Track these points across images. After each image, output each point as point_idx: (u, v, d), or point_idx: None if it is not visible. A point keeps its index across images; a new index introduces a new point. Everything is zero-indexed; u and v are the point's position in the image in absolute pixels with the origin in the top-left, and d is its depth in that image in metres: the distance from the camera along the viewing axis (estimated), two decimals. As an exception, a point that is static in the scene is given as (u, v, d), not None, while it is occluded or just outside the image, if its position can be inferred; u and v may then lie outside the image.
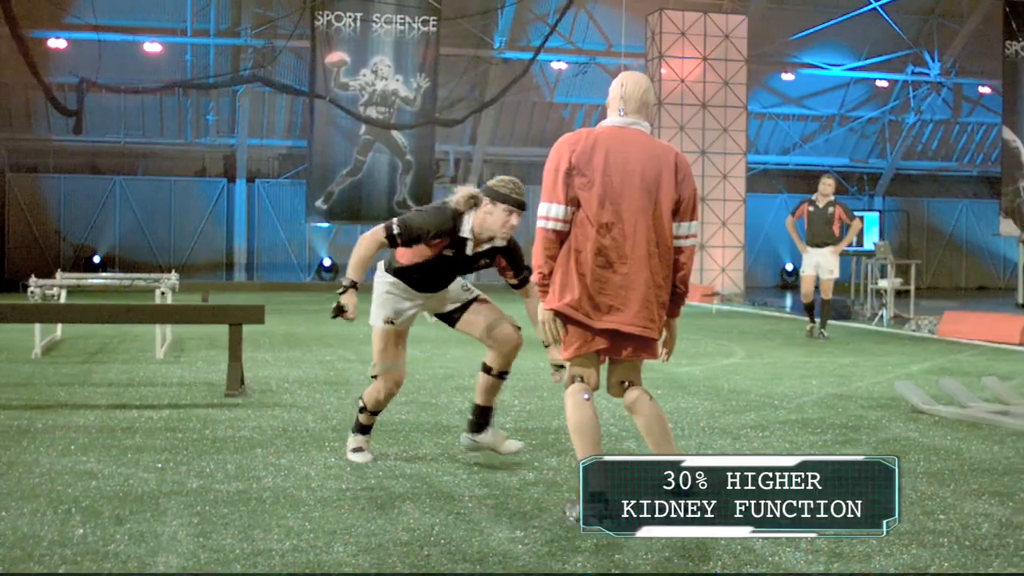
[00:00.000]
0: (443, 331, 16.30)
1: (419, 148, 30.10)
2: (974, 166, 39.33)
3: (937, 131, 38.43)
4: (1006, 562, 4.68)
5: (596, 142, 5.39)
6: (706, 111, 29.85)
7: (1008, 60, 32.02)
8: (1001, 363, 12.90)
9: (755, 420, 8.35)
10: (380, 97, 29.54)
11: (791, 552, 4.76)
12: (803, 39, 33.99)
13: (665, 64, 29.62)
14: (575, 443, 5.31)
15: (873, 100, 37.01)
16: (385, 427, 7.74)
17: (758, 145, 36.38)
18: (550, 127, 34.93)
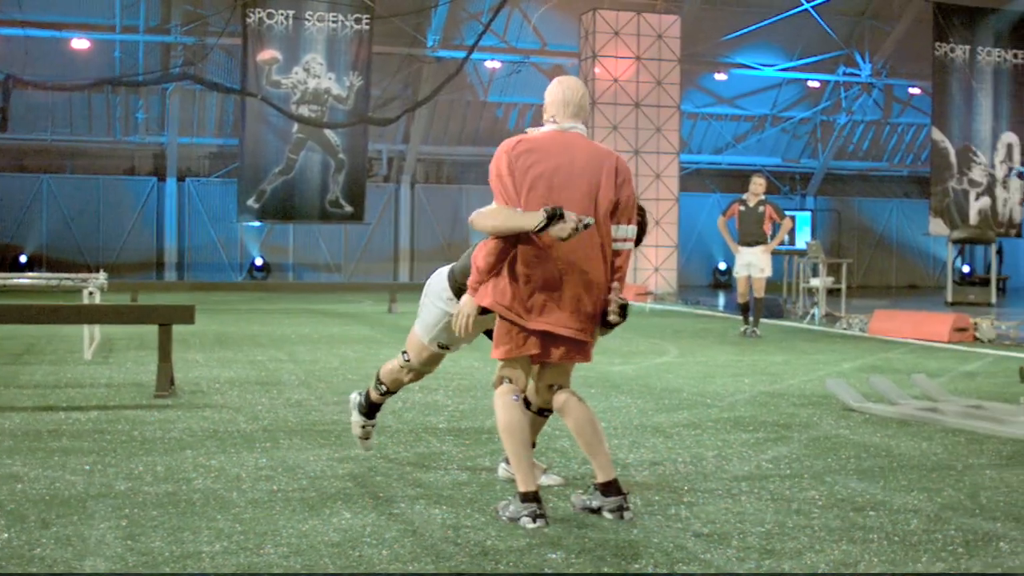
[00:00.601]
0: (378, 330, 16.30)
1: (352, 147, 29.96)
2: (904, 166, 39.83)
3: (868, 131, 38.87)
4: (934, 557, 4.72)
5: (537, 146, 5.37)
6: (639, 111, 29.97)
7: (938, 62, 32.46)
8: (930, 361, 13.06)
9: (687, 418, 8.37)
10: (312, 95, 29.37)
11: (722, 550, 4.77)
12: (736, 39, 34.25)
13: (599, 64, 29.70)
14: (505, 444, 5.29)
15: (805, 100, 37.36)
16: (317, 427, 7.69)
17: (691, 145, 36.60)
18: (484, 126, 34.92)
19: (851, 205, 39.85)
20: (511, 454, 5.27)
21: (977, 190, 32.53)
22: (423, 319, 6.07)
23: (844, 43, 35.54)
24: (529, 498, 5.15)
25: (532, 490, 5.18)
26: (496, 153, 5.44)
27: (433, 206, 34.84)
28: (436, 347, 6.05)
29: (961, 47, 32.47)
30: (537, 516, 5.11)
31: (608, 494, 5.30)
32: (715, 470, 6.49)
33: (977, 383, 11.06)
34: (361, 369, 11.17)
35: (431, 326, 6.02)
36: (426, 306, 6.07)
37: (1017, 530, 5.20)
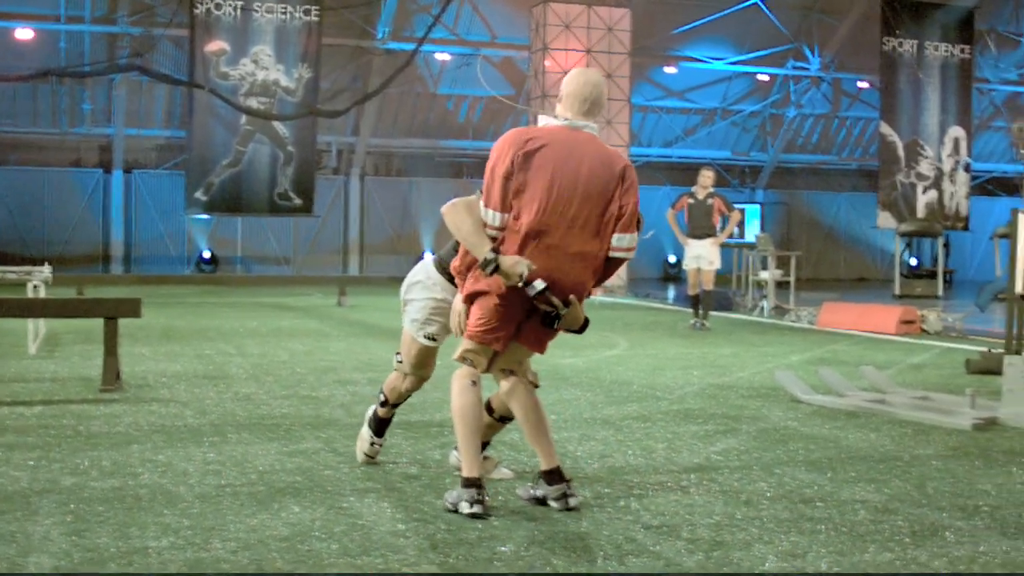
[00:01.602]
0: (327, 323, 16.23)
1: (301, 139, 29.77)
2: (853, 159, 40.10)
3: (817, 125, 39.11)
4: (882, 547, 4.76)
5: (546, 145, 5.23)
6: (589, 104, 30.00)
7: (886, 56, 32.68)
8: (878, 352, 13.17)
9: (637, 411, 8.39)
10: (261, 87, 29.15)
11: (672, 542, 4.78)
12: (686, 33, 34.33)
13: (549, 56, 29.67)
14: (456, 428, 5.29)
15: (754, 94, 37.53)
16: (265, 421, 7.64)
17: (641, 138, 36.68)
18: (433, 119, 34.83)
19: (800, 198, 40.09)
20: (460, 437, 5.27)
21: (925, 184, 32.81)
22: (410, 314, 5.96)
23: (793, 37, 35.73)
24: (471, 483, 5.18)
25: (475, 476, 5.21)
26: (500, 144, 5.29)
27: (383, 199, 34.71)
28: (424, 339, 5.89)
29: (909, 42, 32.72)
30: (476, 502, 5.13)
31: (551, 482, 5.31)
32: (665, 462, 6.50)
33: (924, 375, 11.17)
34: (310, 362, 11.12)
35: (418, 317, 5.91)
36: (410, 301, 5.97)
37: (963, 520, 5.25)
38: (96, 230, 32.70)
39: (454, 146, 35.42)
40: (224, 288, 26.11)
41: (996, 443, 7.37)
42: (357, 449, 6.32)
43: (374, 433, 6.22)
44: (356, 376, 10.09)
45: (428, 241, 34.21)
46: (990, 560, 4.61)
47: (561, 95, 5.42)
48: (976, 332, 15.79)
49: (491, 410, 5.76)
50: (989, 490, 5.92)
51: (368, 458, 6.26)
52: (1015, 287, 8.75)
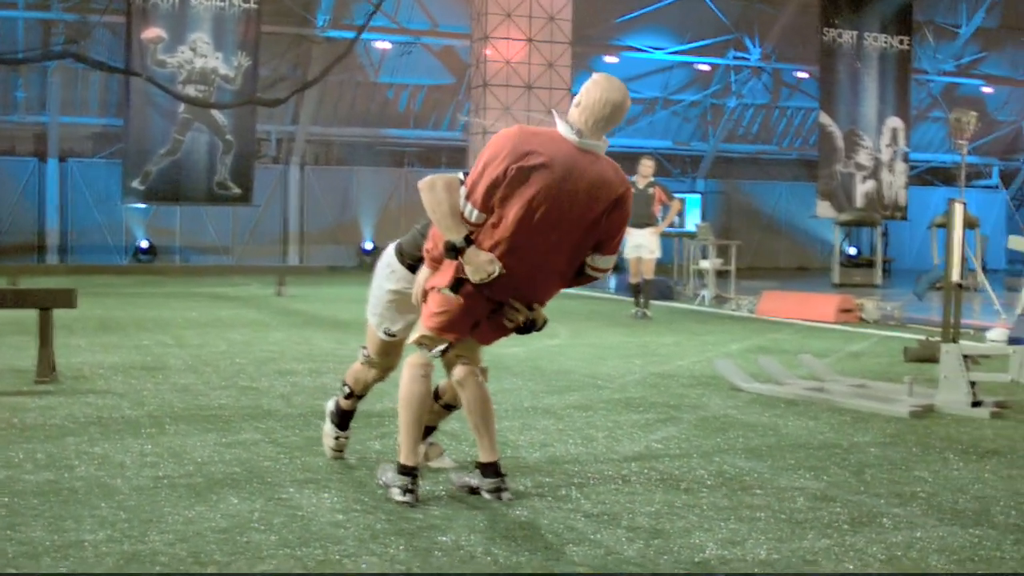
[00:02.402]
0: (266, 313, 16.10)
1: (240, 128, 29.53)
2: (793, 149, 40.37)
3: (757, 115, 39.34)
4: (820, 534, 4.79)
5: (545, 165, 4.93)
6: (531, 93, 29.99)
7: (825, 46, 32.94)
8: (817, 341, 13.27)
9: (578, 400, 8.40)
10: (199, 75, 28.87)
11: (612, 530, 4.79)
12: (627, 22, 34.41)
13: (490, 45, 29.64)
14: (401, 415, 5.26)
15: (695, 84, 37.68)
16: (203, 412, 7.57)
17: (582, 127, 36.68)
18: (374, 108, 34.67)
19: (740, 188, 40.31)
20: (402, 424, 5.26)
21: (863, 173, 33.11)
22: (371, 305, 5.83)
23: (734, 27, 35.90)
24: (406, 472, 5.20)
25: (412, 465, 5.22)
26: (500, 143, 5.02)
27: (323, 188, 34.49)
28: (383, 335, 5.77)
29: (848, 32, 33.00)
30: (408, 491, 5.16)
31: (488, 475, 5.31)
32: (605, 451, 6.51)
33: (862, 363, 11.27)
34: (249, 353, 11.03)
35: (376, 310, 5.78)
36: (374, 292, 5.83)
37: (900, 507, 5.30)
38: (31, 219, 32.20)
39: (395, 135, 35.28)
40: (162, 278, 25.87)
41: (933, 430, 7.45)
42: (325, 447, 6.19)
43: (337, 427, 6.11)
44: (296, 367, 10.02)
45: (368, 231, 34.07)
46: (926, 546, 4.65)
47: (579, 101, 5.10)
48: (914, 320, 15.96)
49: (438, 396, 5.74)
50: (926, 477, 5.98)
51: (336, 453, 6.12)
52: (952, 276, 8.84)
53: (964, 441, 7.08)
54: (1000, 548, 4.65)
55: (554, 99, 29.97)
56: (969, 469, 6.22)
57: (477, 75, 30.26)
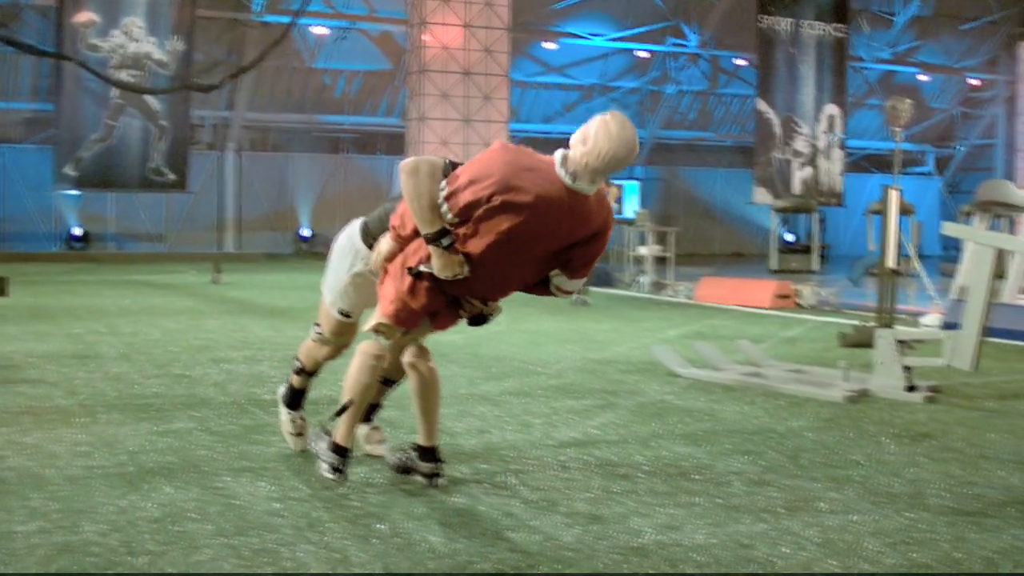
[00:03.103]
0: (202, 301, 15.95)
1: (174, 113, 29.25)
2: (730, 136, 40.65)
3: (695, 102, 39.54)
4: (756, 518, 4.81)
5: (530, 205, 4.74)
6: (468, 79, 29.93)
7: (762, 34, 33.16)
8: (753, 326, 13.36)
9: (515, 387, 8.39)
10: (132, 60, 28.54)
11: (549, 516, 4.78)
12: (565, 9, 34.44)
13: (427, 31, 29.54)
14: (344, 398, 5.23)
15: (633, 70, 37.80)
16: (137, 401, 7.48)
17: (520, 113, 36.72)
18: (310, 93, 34.47)
19: (678, 174, 40.52)
20: (353, 407, 5.23)
21: (800, 160, 33.39)
22: (328, 281, 5.64)
23: (672, 14, 36.05)
24: (340, 451, 5.24)
25: (347, 447, 5.25)
26: (491, 162, 4.82)
27: (259, 174, 34.25)
28: (338, 314, 5.61)
29: (785, 20, 33.23)
30: (337, 470, 5.21)
31: (425, 459, 5.31)
32: (542, 437, 6.51)
33: (798, 348, 11.36)
34: (183, 341, 10.92)
35: (334, 288, 5.59)
36: (332, 268, 5.63)
37: (835, 490, 5.34)
38: (-39, 207, 31.77)
39: (331, 121, 35.11)
40: (95, 266, 25.58)
41: (867, 414, 7.52)
42: (284, 434, 6.02)
43: (289, 407, 5.94)
44: (231, 354, 9.93)
45: (305, 218, 33.89)
46: (861, 529, 4.68)
47: (585, 138, 4.77)
48: (849, 306, 16.12)
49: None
50: (860, 460, 6.03)
51: (298, 440, 5.94)
52: (887, 262, 8.91)
53: (898, 425, 7.15)
54: (933, 530, 4.69)
55: (491, 85, 29.97)
56: (903, 453, 6.28)
57: (414, 61, 30.16)
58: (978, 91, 42.17)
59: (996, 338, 11.64)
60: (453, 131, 29.83)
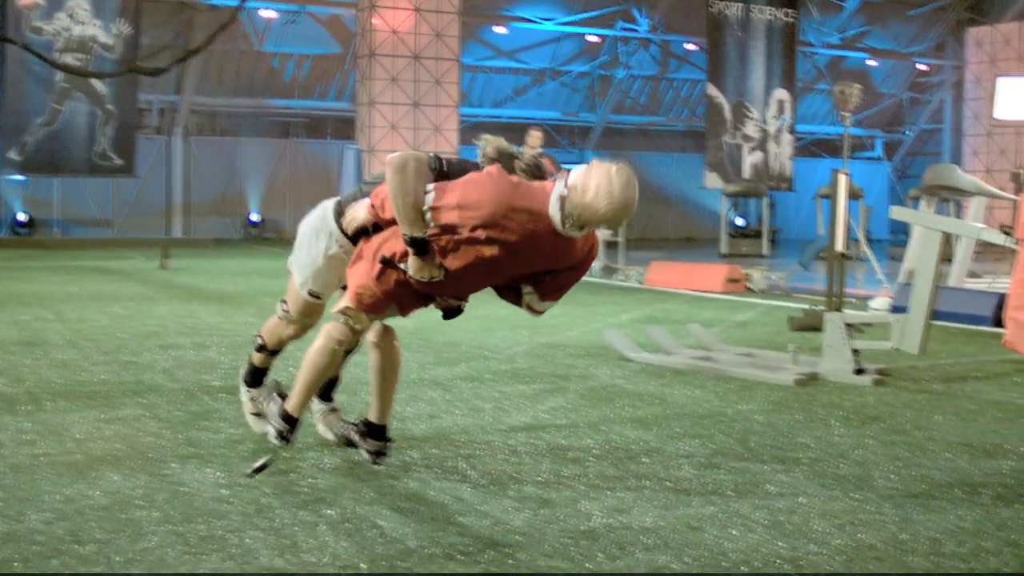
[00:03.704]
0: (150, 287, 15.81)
1: (120, 97, 28.95)
2: (681, 121, 40.75)
3: (646, 87, 39.61)
4: (705, 500, 4.83)
5: (513, 243, 4.66)
6: (418, 63, 29.83)
7: (712, 19, 33.23)
8: (704, 311, 13.41)
9: (466, 371, 8.37)
10: (77, 43, 28.22)
11: (499, 500, 4.78)
12: (516, -7, 34.38)
13: (377, 15, 29.40)
14: (302, 374, 5.19)
15: (584, 55, 37.80)
16: (84, 388, 7.40)
17: (471, 98, 36.66)
18: (259, 77, 34.24)
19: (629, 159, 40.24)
20: (302, 384, 5.20)
21: (750, 145, 33.53)
22: (297, 262, 5.47)
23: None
24: (290, 420, 5.21)
25: (296, 417, 5.22)
26: (488, 190, 4.66)
27: (207, 159, 33.99)
28: (307, 295, 5.47)
29: (735, 4, 33.32)
30: (283, 438, 5.21)
31: (373, 436, 5.33)
32: (492, 422, 6.50)
33: (748, 332, 11.41)
34: (131, 327, 10.82)
35: (303, 268, 5.42)
36: (302, 245, 5.44)
37: (784, 473, 5.37)
38: (-98, 193, 31.31)
39: (280, 105, 34.89)
40: (41, 252, 25.30)
41: (816, 397, 7.56)
42: (247, 416, 5.91)
43: (250, 386, 5.81)
44: (180, 340, 9.85)
45: (255, 203, 33.67)
46: (809, 511, 4.71)
47: (586, 189, 4.60)
48: (799, 290, 16.22)
49: None
50: (809, 443, 6.07)
51: (259, 418, 5.81)
52: (836, 246, 8.97)
53: (847, 408, 7.20)
54: (880, 511, 4.73)
55: (441, 69, 29.88)
56: (851, 435, 6.32)
57: (363, 45, 30.02)
58: (926, 76, 42.52)
59: (943, 321, 11.76)
60: (403, 115, 29.74)
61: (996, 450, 6.02)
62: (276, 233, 33.43)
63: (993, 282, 16.27)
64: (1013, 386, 8.30)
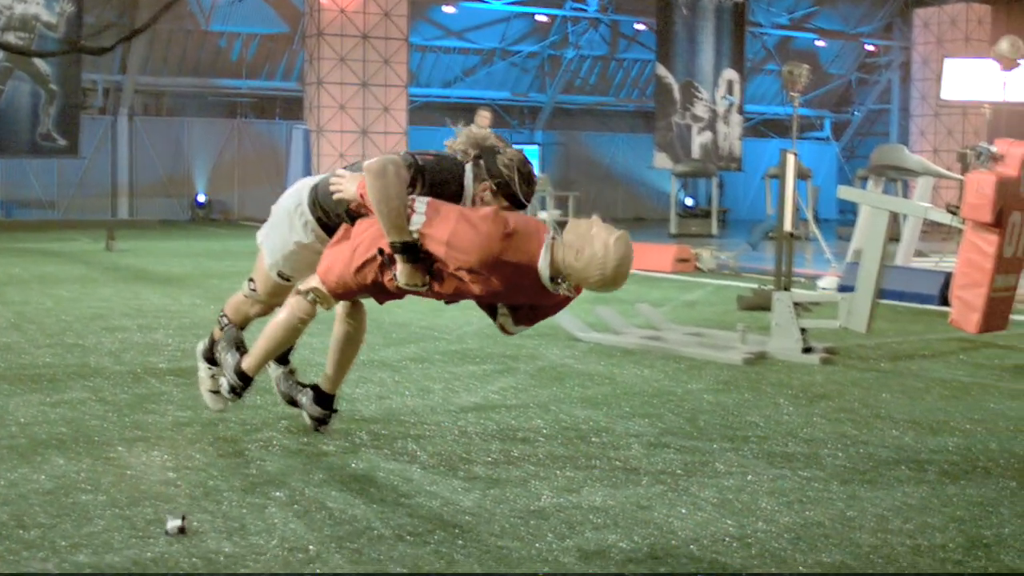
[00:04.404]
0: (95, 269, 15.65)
1: (64, 77, 28.59)
2: (630, 101, 40.76)
3: (595, 67, 39.58)
4: (654, 479, 4.85)
5: (500, 290, 4.64)
6: (367, 42, 29.66)
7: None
8: (654, 290, 13.44)
9: (415, 352, 8.35)
10: (19, 21, 27.82)
11: (449, 480, 4.77)
12: (465, -28, 34.24)
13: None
14: (262, 341, 5.18)
15: (533, 35, 37.71)
16: (27, 371, 7.31)
17: (420, 78, 36.51)
18: (206, 57, 33.91)
19: (579, 139, 40.59)
20: (260, 350, 5.19)
21: (700, 125, 33.59)
22: (270, 240, 5.30)
23: (571, -22, 36.01)
24: (244, 378, 5.25)
25: (251, 376, 5.26)
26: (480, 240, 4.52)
27: (153, 139, 33.63)
28: (276, 276, 5.33)
29: (684, -16, 33.34)
30: (235, 393, 5.29)
31: (320, 403, 5.37)
32: (442, 402, 6.49)
33: (697, 311, 11.46)
34: (76, 310, 10.69)
35: (274, 251, 5.26)
36: (275, 226, 5.28)
37: (733, 451, 5.39)
38: None
39: (227, 85, 34.57)
40: (-15, 233, 24.96)
41: (765, 376, 7.61)
42: (203, 394, 5.72)
43: (210, 363, 5.65)
44: (126, 323, 9.75)
45: (202, 184, 33.38)
46: (757, 488, 4.74)
47: (581, 252, 4.46)
48: (748, 269, 16.31)
49: None
50: (757, 421, 6.10)
51: (215, 399, 5.65)
52: (784, 226, 9.01)
53: (795, 386, 7.24)
54: (828, 489, 4.76)
55: (390, 49, 29.73)
56: (799, 413, 6.36)
57: (311, 24, 29.81)
58: (874, 57, 42.78)
59: (890, 300, 11.86)
60: (351, 95, 29.57)
61: (942, 427, 6.08)
62: (223, 214, 33.19)
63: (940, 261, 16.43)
64: (959, 364, 8.39)
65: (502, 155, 4.95)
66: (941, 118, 35.53)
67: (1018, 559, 3.94)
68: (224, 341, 5.41)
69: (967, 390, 7.27)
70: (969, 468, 5.19)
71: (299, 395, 5.42)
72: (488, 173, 4.95)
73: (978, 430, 6.03)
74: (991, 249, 7.79)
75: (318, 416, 5.31)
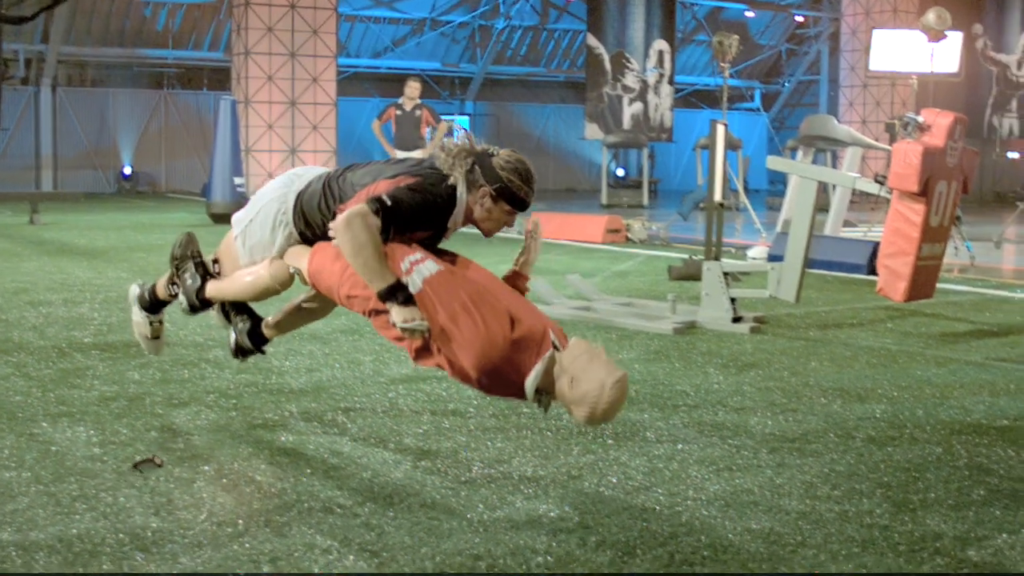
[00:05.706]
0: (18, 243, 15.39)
1: (-15, 47, 28.02)
2: (561, 72, 40.71)
3: (526, 37, 39.47)
4: (584, 449, 4.86)
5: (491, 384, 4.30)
6: (295, 12, 29.32)
7: (592, -32, 33.18)
8: (585, 261, 13.46)
9: (345, 324, 8.28)
10: (-65, -10, 27.22)
11: (379, 452, 4.75)
12: (393, -59, 33.97)
13: (252, -37, 28.82)
14: (228, 286, 4.99)
15: (464, 5, 37.52)
16: (-51, 346, 7.17)
17: (349, 48, 36.21)
18: (131, 26, 33.39)
19: (509, 110, 40.50)
20: (225, 292, 5.01)
21: (630, 96, 33.59)
22: (250, 234, 4.89)
23: (501, -52, 35.86)
24: (203, 303, 5.09)
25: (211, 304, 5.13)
26: (483, 345, 4.20)
27: (77, 110, 33.07)
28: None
29: (613, -46, 33.29)
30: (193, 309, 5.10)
31: (254, 340, 5.17)
32: (372, 375, 6.45)
33: (628, 282, 11.49)
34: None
35: (254, 249, 4.88)
36: (255, 222, 4.86)
37: (662, 420, 5.41)
38: None
39: (153, 55, 34.07)
40: (-94, 206, 24.47)
41: (695, 345, 7.64)
42: (136, 336, 5.47)
43: (149, 311, 5.35)
44: (50, 297, 9.59)
45: (127, 155, 32.91)
46: (687, 457, 4.76)
47: (575, 384, 4.07)
48: (679, 240, 16.37)
49: None
50: (688, 391, 6.13)
51: (152, 343, 5.41)
52: (714, 196, 9.04)
53: (724, 356, 7.29)
54: (757, 457, 4.79)
55: (319, 19, 29.41)
56: (729, 382, 6.40)
57: (240, -7, 29.41)
58: (804, 28, 43.04)
59: (819, 270, 11.97)
60: (280, 66, 29.23)
61: (869, 395, 6.14)
62: (150, 186, 32.75)
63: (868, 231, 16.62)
64: (886, 332, 8.48)
65: (496, 157, 4.77)
66: (869, 89, 35.80)
67: (943, 523, 3.99)
68: (190, 268, 5.06)
69: (894, 358, 7.36)
70: (896, 435, 5.25)
71: (237, 319, 5.18)
72: (484, 178, 4.72)
73: (905, 397, 6.10)
74: (918, 218, 7.88)
75: (246, 348, 5.11)
